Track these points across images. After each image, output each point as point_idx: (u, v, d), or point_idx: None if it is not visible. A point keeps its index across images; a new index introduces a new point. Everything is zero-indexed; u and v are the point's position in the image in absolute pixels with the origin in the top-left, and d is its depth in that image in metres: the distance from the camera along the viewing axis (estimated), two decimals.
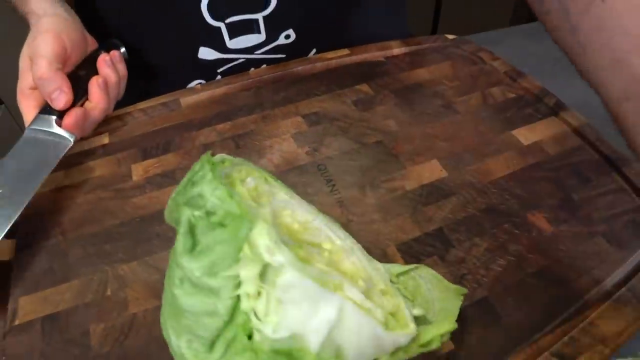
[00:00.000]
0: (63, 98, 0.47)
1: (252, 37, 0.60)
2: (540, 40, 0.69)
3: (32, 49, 0.49)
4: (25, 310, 0.38)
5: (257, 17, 0.59)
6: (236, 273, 0.25)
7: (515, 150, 0.47)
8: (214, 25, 0.58)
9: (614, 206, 0.42)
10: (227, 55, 0.61)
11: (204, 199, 0.27)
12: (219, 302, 0.25)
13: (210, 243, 0.26)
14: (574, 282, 0.37)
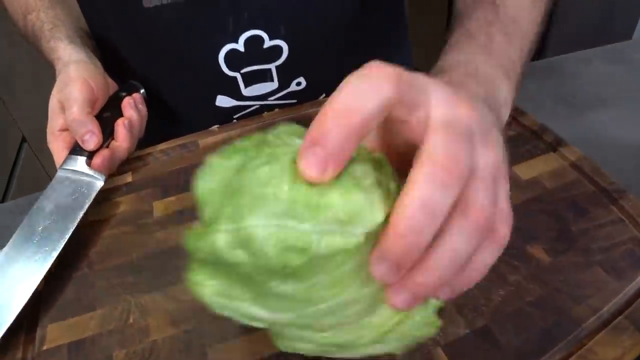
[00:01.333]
0: (94, 140, 0.51)
1: (266, 85, 0.65)
2: (541, 78, 0.72)
3: (63, 94, 0.53)
4: (53, 336, 0.41)
5: (270, 67, 0.63)
6: None
7: (514, 185, 0.49)
8: (230, 75, 0.63)
9: (611, 237, 0.44)
10: (242, 102, 0.66)
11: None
12: None
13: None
14: (572, 311, 0.39)
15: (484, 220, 0.24)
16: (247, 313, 0.27)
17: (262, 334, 0.38)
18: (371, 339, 0.28)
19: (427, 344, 0.37)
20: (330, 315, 0.26)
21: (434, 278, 0.23)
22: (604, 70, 0.74)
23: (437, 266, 0.23)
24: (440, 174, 0.22)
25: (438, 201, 0.22)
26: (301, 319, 0.26)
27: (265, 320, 0.27)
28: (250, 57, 0.62)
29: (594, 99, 0.67)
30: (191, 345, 0.38)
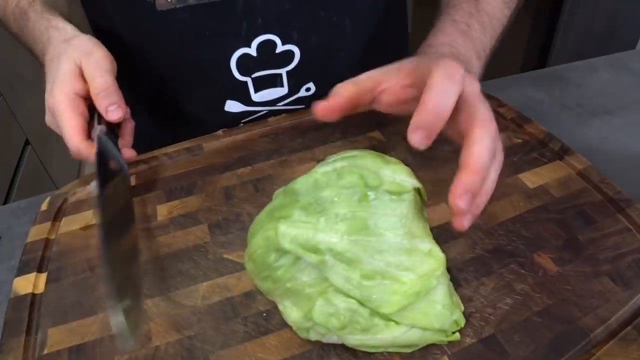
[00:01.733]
0: (119, 113, 0.48)
1: (276, 91, 0.65)
2: (546, 86, 0.72)
3: (88, 60, 0.49)
4: (53, 340, 0.40)
5: (281, 72, 0.63)
6: None
7: (521, 193, 0.49)
8: (241, 80, 0.63)
9: (618, 246, 0.44)
10: (251, 107, 0.66)
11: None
12: None
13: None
14: (580, 321, 0.38)
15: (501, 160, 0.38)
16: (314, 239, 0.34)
17: (266, 340, 0.38)
18: (396, 304, 0.34)
19: (434, 353, 0.37)
20: (377, 253, 0.34)
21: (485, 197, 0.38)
22: (609, 79, 0.73)
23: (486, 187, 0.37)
24: (492, 134, 0.35)
25: (492, 148, 0.35)
26: (355, 247, 0.34)
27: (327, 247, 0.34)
28: (262, 61, 0.62)
29: (599, 107, 0.67)
30: (194, 351, 0.38)
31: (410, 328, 0.35)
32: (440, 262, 0.36)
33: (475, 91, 0.37)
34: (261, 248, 0.36)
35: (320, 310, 0.35)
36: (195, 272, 0.44)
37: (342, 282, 0.34)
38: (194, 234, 0.47)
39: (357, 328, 0.34)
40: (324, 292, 0.35)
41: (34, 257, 0.47)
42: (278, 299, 0.38)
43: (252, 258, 0.37)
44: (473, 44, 0.48)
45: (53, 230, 0.50)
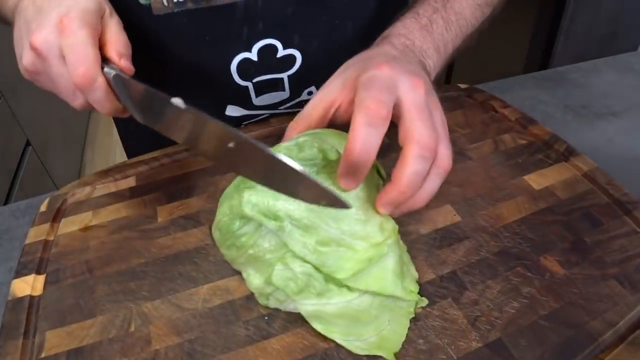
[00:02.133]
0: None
1: (277, 95, 0.64)
2: (550, 88, 0.71)
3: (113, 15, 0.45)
4: (51, 343, 0.39)
5: (283, 76, 0.63)
6: None
7: (526, 195, 0.48)
8: (242, 85, 0.62)
9: (626, 249, 0.43)
10: (252, 111, 0.65)
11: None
12: None
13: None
14: (588, 325, 0.38)
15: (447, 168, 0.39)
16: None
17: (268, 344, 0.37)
18: (349, 270, 0.36)
19: (440, 357, 0.36)
20: (332, 222, 0.36)
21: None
22: (614, 80, 0.73)
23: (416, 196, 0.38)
24: (425, 153, 0.36)
25: (422, 170, 0.37)
26: (311, 214, 0.36)
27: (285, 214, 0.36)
28: (263, 66, 0.61)
29: (604, 109, 0.67)
30: (194, 355, 0.37)
31: (363, 293, 0.37)
32: (391, 232, 0.38)
33: (415, 101, 0.38)
34: (227, 216, 0.38)
35: (279, 275, 0.37)
36: (196, 274, 0.43)
37: (299, 248, 0.36)
38: (195, 235, 0.47)
39: (312, 292, 0.36)
40: (283, 258, 0.37)
41: (32, 258, 0.47)
42: (242, 268, 0.40)
43: (219, 227, 0.39)
44: (432, 38, 0.50)
45: (52, 231, 0.50)
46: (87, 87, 0.41)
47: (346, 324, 0.37)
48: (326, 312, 0.37)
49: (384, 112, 0.35)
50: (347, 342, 0.37)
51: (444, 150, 0.38)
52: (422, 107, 0.38)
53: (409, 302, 0.39)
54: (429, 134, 0.37)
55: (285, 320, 0.39)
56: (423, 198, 0.39)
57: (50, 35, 0.40)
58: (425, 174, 0.37)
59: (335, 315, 0.37)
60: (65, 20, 0.40)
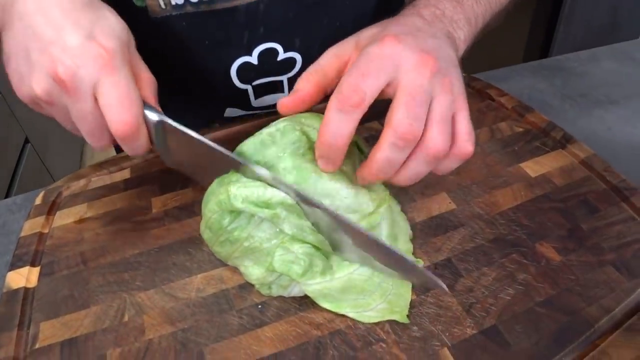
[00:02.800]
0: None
1: (277, 96, 0.64)
2: (548, 76, 0.71)
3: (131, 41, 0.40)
4: (46, 334, 0.39)
5: (283, 79, 0.62)
6: None
7: (523, 182, 0.48)
8: (241, 88, 0.61)
9: (623, 235, 0.43)
10: (251, 112, 0.65)
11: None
12: None
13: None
14: (584, 311, 0.37)
15: (435, 153, 0.36)
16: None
17: (262, 333, 0.37)
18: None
19: (434, 344, 0.36)
20: (325, 199, 0.37)
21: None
22: (612, 69, 0.72)
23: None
24: (399, 142, 0.34)
25: (395, 157, 0.35)
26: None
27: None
28: (263, 69, 0.60)
29: (602, 97, 0.66)
30: (188, 344, 0.37)
31: (362, 265, 0.38)
32: (383, 200, 0.39)
33: (411, 83, 0.35)
34: (216, 213, 0.38)
35: (280, 260, 0.37)
36: (189, 264, 0.43)
37: (296, 231, 0.37)
38: (189, 226, 0.47)
39: (316, 271, 0.37)
40: (282, 243, 0.37)
41: (27, 251, 0.46)
42: (238, 262, 0.40)
43: (208, 225, 0.39)
44: (463, 9, 0.46)
45: (47, 224, 0.49)
46: (131, 137, 0.37)
47: (353, 297, 0.37)
48: (332, 289, 0.37)
49: (356, 99, 0.34)
50: (358, 314, 0.37)
51: (435, 134, 0.36)
52: (416, 91, 0.35)
53: None
54: (409, 122, 0.34)
55: (278, 308, 0.39)
56: (406, 180, 0.38)
57: (85, 69, 0.35)
58: (399, 161, 0.36)
59: (341, 290, 0.37)
60: (104, 54, 0.35)
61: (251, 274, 0.39)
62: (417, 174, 0.37)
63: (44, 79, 0.35)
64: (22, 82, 0.37)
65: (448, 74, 0.37)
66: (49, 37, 0.35)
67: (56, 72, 0.35)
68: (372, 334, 0.37)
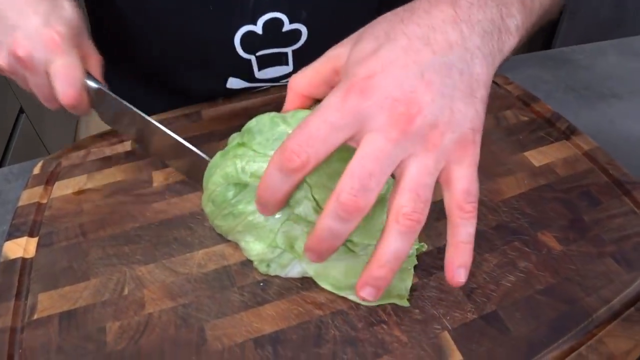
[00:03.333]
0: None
1: (281, 69, 0.63)
2: (553, 68, 0.71)
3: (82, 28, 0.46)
4: (44, 305, 0.39)
5: (287, 51, 0.61)
6: None
7: (526, 171, 0.48)
8: (245, 57, 0.60)
9: (623, 228, 0.43)
10: (254, 84, 0.64)
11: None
12: None
13: None
14: (583, 301, 0.38)
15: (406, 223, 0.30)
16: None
17: (263, 310, 0.37)
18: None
19: (435, 327, 0.36)
20: (336, 178, 0.31)
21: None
22: (618, 63, 0.72)
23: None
24: (340, 213, 0.30)
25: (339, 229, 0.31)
26: (313, 175, 0.34)
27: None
28: (268, 40, 0.59)
29: (606, 91, 0.66)
30: (188, 319, 0.37)
31: (367, 245, 0.37)
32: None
33: (368, 147, 0.29)
34: (220, 186, 0.38)
35: (284, 236, 0.37)
36: (191, 239, 0.43)
37: (302, 209, 0.36)
38: (190, 201, 0.46)
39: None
40: (287, 219, 0.37)
41: (25, 221, 0.46)
42: (240, 237, 0.39)
43: (212, 198, 0.39)
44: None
45: (45, 194, 0.49)
46: (73, 104, 0.44)
47: (354, 279, 0.37)
48: (334, 269, 0.37)
49: (297, 164, 0.30)
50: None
51: (404, 202, 0.30)
52: (371, 156, 0.29)
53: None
54: (352, 193, 0.29)
55: (280, 287, 0.39)
56: (386, 260, 0.31)
57: (38, 51, 0.42)
58: (343, 232, 0.31)
59: (343, 272, 0.37)
60: (56, 39, 0.42)
61: (252, 250, 0.39)
62: (398, 252, 0.31)
63: (7, 56, 0.43)
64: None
65: (439, 124, 0.30)
66: (12, 21, 0.43)
67: (16, 52, 0.42)
68: (374, 315, 0.37)
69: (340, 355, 0.35)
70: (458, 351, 0.34)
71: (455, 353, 0.34)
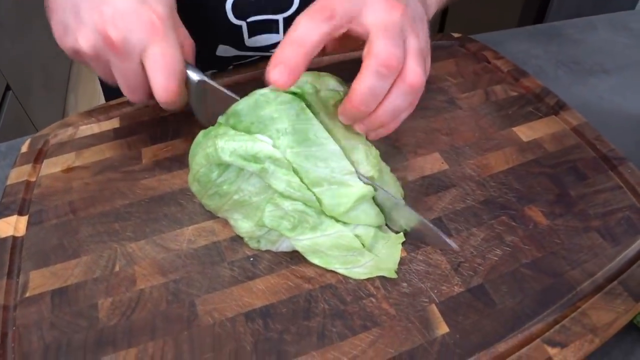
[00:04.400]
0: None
1: (271, 37, 0.62)
2: (544, 42, 0.70)
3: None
4: (36, 283, 0.39)
5: (278, 18, 0.60)
6: None
7: (515, 146, 0.48)
8: (235, 23, 0.60)
9: (609, 203, 0.43)
10: (244, 52, 0.63)
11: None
12: None
13: None
14: (567, 274, 0.38)
15: (415, 85, 0.36)
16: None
17: (253, 285, 0.38)
18: (344, 206, 0.37)
19: (422, 300, 0.36)
20: (320, 162, 0.36)
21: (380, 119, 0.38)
22: (608, 38, 0.72)
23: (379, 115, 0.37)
24: (382, 70, 0.34)
25: (378, 86, 0.35)
26: (297, 158, 0.36)
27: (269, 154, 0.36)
28: (259, 5, 0.59)
29: (596, 66, 0.66)
30: (179, 294, 0.37)
31: (356, 226, 0.38)
32: (376, 159, 0.40)
33: (383, 21, 0.35)
34: (204, 167, 0.38)
35: (270, 215, 0.37)
36: (181, 215, 0.43)
37: (284, 187, 0.36)
38: (180, 177, 0.46)
39: (306, 227, 0.37)
40: (272, 199, 0.37)
41: (14, 199, 0.46)
42: (228, 214, 0.40)
43: (197, 178, 0.39)
44: None
45: (34, 172, 0.49)
46: (172, 101, 0.40)
47: (343, 254, 0.38)
48: (322, 245, 0.37)
49: (326, 14, 0.35)
50: (347, 270, 0.38)
51: (413, 65, 0.36)
52: (391, 25, 0.35)
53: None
54: (391, 51, 0.34)
55: (270, 261, 0.39)
56: (387, 115, 0.37)
57: (134, 33, 0.37)
58: (382, 91, 0.36)
59: (331, 247, 0.37)
60: (155, 21, 0.37)
61: (240, 227, 0.39)
62: (397, 109, 0.37)
63: (92, 35, 0.37)
64: (67, 34, 0.39)
65: (416, 22, 0.38)
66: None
67: (106, 32, 0.36)
68: (363, 288, 0.37)
69: (329, 328, 0.35)
70: (445, 323, 0.35)
71: (442, 325, 0.35)
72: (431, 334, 0.35)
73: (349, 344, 0.34)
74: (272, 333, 0.35)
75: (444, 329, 0.35)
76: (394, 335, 0.35)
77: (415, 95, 0.37)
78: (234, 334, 0.35)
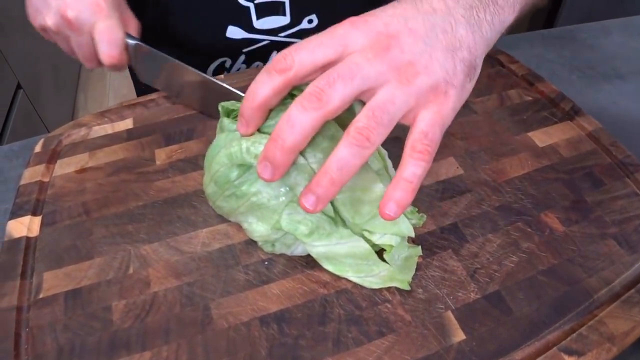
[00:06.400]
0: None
1: (278, 19, 0.64)
2: (558, 46, 0.70)
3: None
4: (49, 284, 0.39)
5: (285, 0, 0.62)
6: None
7: (530, 151, 0.48)
8: (243, 4, 0.61)
9: (626, 210, 0.43)
10: (253, 35, 0.64)
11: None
12: None
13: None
14: (584, 282, 0.38)
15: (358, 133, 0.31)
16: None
17: (268, 289, 0.37)
18: (368, 214, 0.36)
19: (438, 307, 0.36)
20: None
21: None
22: (622, 42, 0.71)
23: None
24: (304, 102, 0.31)
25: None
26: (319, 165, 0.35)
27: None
28: None
29: (610, 71, 0.65)
30: (193, 298, 0.37)
31: (383, 235, 0.37)
32: (384, 157, 0.39)
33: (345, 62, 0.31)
34: (224, 166, 0.37)
35: (288, 219, 0.36)
36: (195, 218, 0.43)
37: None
38: (194, 179, 0.46)
39: (322, 234, 0.36)
40: (290, 202, 0.36)
41: (28, 200, 0.46)
42: (242, 218, 0.39)
43: (214, 179, 0.38)
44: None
45: (47, 172, 0.49)
46: (115, 65, 0.50)
47: (357, 262, 0.37)
48: (337, 252, 0.37)
49: (282, 65, 0.32)
50: (360, 278, 0.37)
51: (361, 117, 0.31)
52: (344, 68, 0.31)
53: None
54: (318, 87, 0.31)
55: (285, 265, 0.39)
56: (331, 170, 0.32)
57: (84, 13, 0.48)
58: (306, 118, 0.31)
59: (345, 255, 0.37)
60: (100, 3, 0.48)
61: (254, 231, 0.39)
62: (341, 161, 0.31)
63: (55, 16, 0.49)
64: (37, 14, 0.51)
65: (416, 64, 0.32)
66: None
67: (65, 13, 0.48)
68: (378, 294, 0.37)
69: (345, 334, 0.35)
70: (461, 330, 0.35)
71: (459, 332, 0.35)
72: (447, 341, 0.34)
73: (365, 350, 0.34)
74: (287, 338, 0.35)
75: (460, 336, 0.35)
76: (409, 341, 0.35)
77: (359, 146, 0.31)
78: (248, 339, 0.35)
